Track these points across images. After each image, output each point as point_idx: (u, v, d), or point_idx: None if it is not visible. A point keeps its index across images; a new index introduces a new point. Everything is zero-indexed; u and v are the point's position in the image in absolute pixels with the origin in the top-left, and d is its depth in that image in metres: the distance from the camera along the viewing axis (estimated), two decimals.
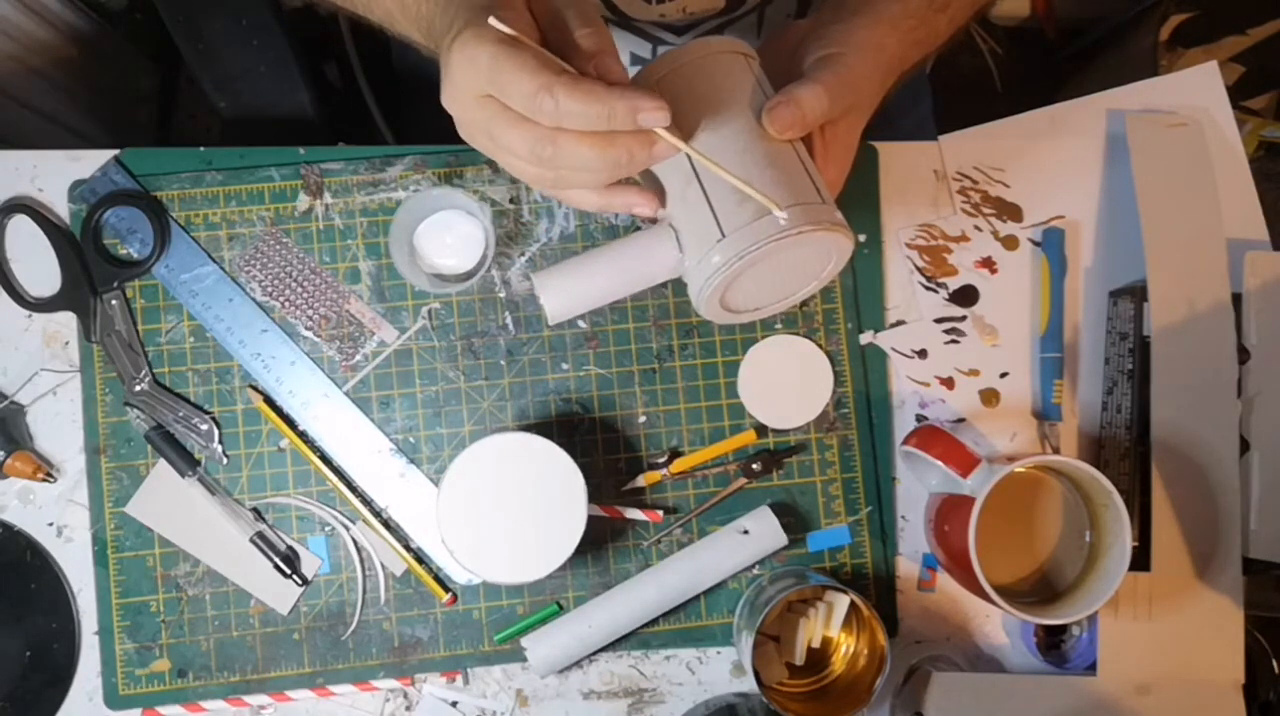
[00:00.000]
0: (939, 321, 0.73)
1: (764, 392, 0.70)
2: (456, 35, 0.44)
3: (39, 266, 0.69)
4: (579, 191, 0.50)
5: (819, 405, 0.70)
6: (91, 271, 0.68)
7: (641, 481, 0.70)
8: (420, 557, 0.69)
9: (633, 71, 0.73)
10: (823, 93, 0.50)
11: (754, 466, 0.69)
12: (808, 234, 0.49)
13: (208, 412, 0.69)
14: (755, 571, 0.70)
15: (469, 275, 0.68)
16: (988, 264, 0.74)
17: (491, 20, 0.43)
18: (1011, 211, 0.74)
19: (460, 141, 0.49)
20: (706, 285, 0.51)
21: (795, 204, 0.50)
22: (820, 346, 0.71)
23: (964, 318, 0.73)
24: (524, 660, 0.67)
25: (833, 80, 0.51)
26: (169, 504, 0.68)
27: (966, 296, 0.73)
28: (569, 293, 0.53)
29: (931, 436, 0.66)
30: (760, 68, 0.54)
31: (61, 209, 0.70)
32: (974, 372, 0.73)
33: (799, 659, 0.66)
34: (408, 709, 0.68)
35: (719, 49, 0.53)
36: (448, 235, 0.68)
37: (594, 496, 0.65)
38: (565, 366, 0.70)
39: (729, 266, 0.50)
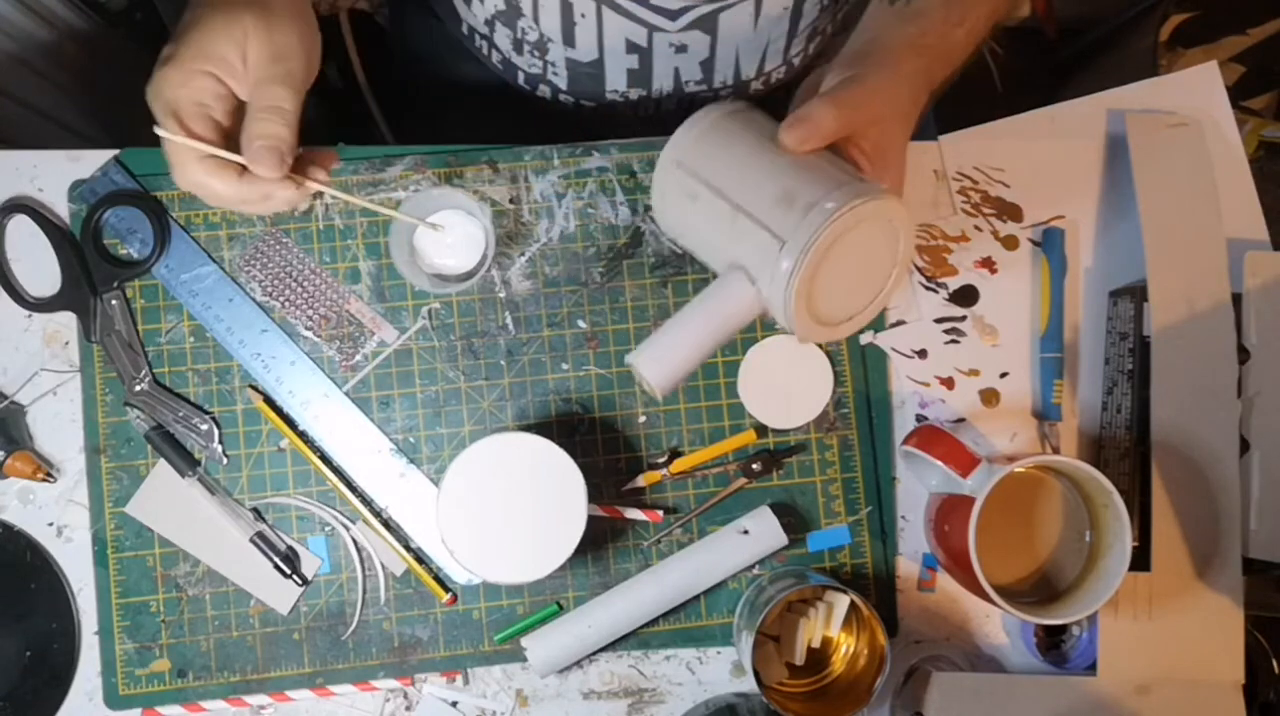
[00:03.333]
0: (939, 321, 0.73)
1: (764, 392, 0.70)
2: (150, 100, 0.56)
3: (39, 266, 0.69)
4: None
5: (819, 405, 0.70)
6: (91, 271, 0.68)
7: (641, 481, 0.70)
8: (420, 557, 0.69)
9: (630, 60, 0.73)
10: (830, 104, 0.55)
11: (754, 466, 0.70)
12: (859, 207, 0.50)
13: (208, 412, 0.69)
14: (755, 571, 0.70)
15: (469, 275, 0.68)
16: (988, 264, 0.74)
17: (156, 129, 0.55)
18: (1011, 211, 0.74)
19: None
20: (787, 296, 0.52)
21: (836, 188, 0.51)
22: (820, 346, 0.71)
23: (964, 318, 0.73)
24: (524, 660, 0.67)
25: (842, 95, 0.56)
26: (169, 504, 0.68)
27: (966, 296, 0.73)
28: (670, 363, 0.55)
29: (931, 436, 0.66)
30: (761, 113, 0.60)
31: (61, 209, 0.70)
32: (974, 373, 0.73)
33: (799, 659, 0.66)
34: (408, 709, 0.68)
35: (730, 109, 0.59)
36: (448, 235, 0.68)
37: (594, 496, 0.65)
38: (565, 366, 0.70)
39: (799, 267, 0.50)
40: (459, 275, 0.69)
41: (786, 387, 0.70)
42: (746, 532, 0.68)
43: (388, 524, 0.69)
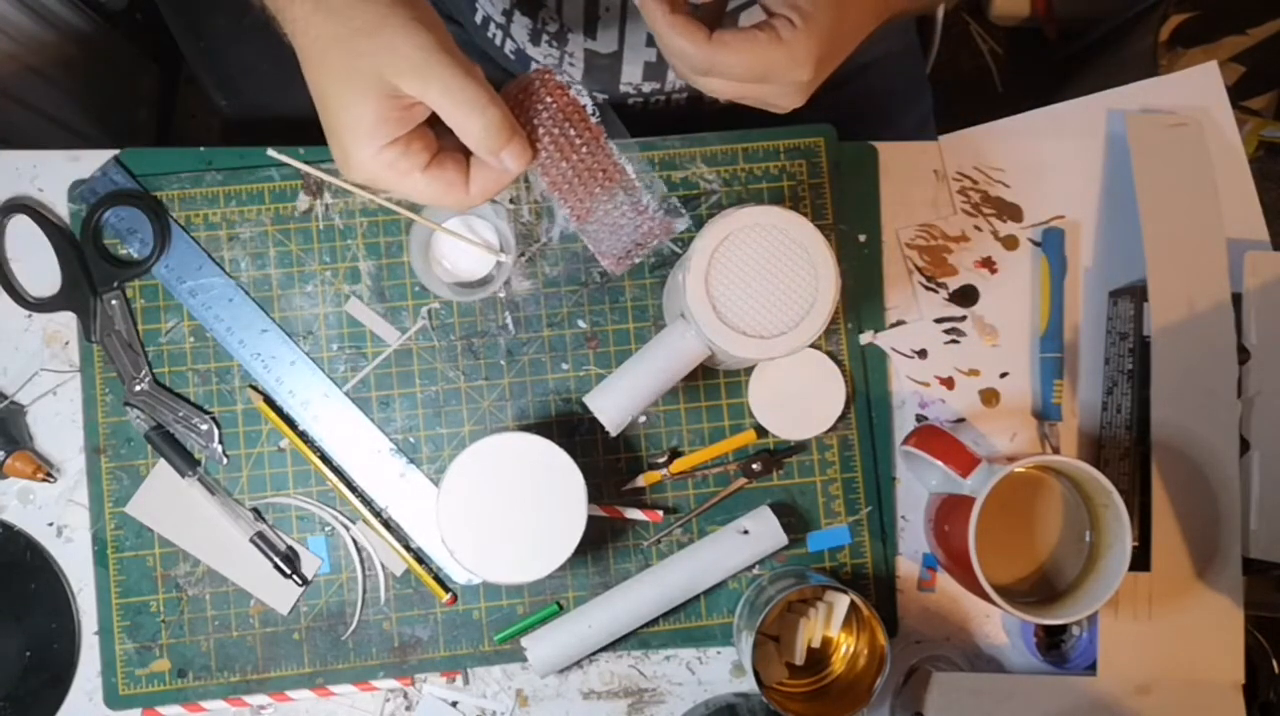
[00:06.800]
0: (939, 321, 0.73)
1: (774, 404, 0.69)
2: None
3: (39, 266, 0.69)
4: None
5: (831, 417, 0.70)
6: (91, 271, 0.68)
7: (641, 481, 0.70)
8: (420, 557, 0.69)
9: (648, 54, 0.73)
10: None
11: (754, 466, 0.69)
12: (732, 215, 0.56)
13: (208, 412, 0.69)
14: (755, 571, 0.70)
15: (486, 281, 0.68)
16: (988, 264, 0.74)
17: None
18: (1011, 211, 0.74)
19: None
20: (691, 297, 0.56)
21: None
22: (819, 346, 0.71)
23: (964, 318, 0.73)
24: (524, 660, 0.67)
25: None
26: (169, 504, 0.68)
27: (966, 296, 0.73)
28: (622, 405, 0.59)
29: (931, 436, 0.66)
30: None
31: (61, 209, 0.70)
32: (974, 373, 0.73)
33: (799, 659, 0.66)
34: (408, 709, 0.69)
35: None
36: (463, 241, 0.68)
37: (594, 496, 0.65)
38: (565, 366, 0.70)
39: (689, 269, 0.55)
40: (475, 281, 0.69)
41: (797, 399, 0.69)
42: (746, 532, 0.68)
43: (388, 524, 0.69)
